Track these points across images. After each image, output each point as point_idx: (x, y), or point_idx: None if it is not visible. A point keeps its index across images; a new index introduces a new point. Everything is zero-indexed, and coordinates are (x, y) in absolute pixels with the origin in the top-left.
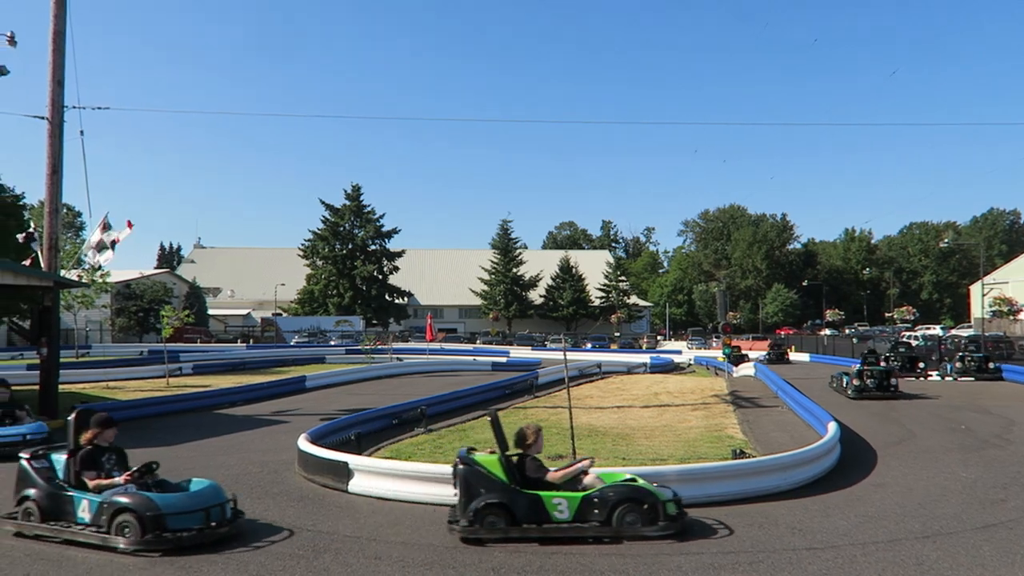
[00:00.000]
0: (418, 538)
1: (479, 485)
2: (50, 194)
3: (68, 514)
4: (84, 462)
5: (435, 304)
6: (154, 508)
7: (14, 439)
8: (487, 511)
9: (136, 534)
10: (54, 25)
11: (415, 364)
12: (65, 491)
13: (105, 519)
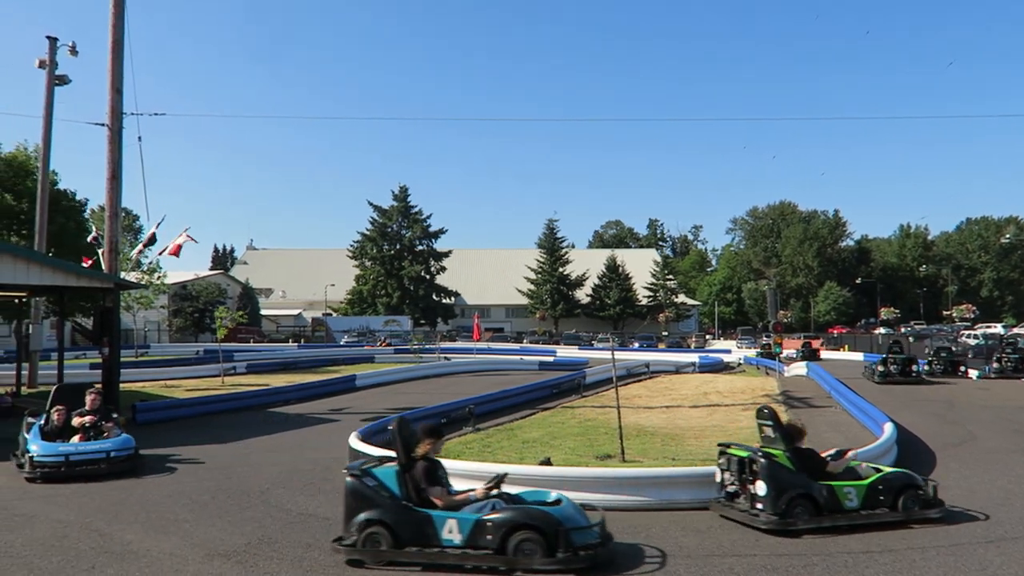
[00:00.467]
0: None
1: None
2: (110, 198)
3: (429, 536)
4: (429, 477)
5: (482, 304)
6: (557, 523)
7: (97, 456)
8: None
9: (541, 553)
10: (113, 34)
11: (462, 363)
12: (418, 511)
13: (492, 539)
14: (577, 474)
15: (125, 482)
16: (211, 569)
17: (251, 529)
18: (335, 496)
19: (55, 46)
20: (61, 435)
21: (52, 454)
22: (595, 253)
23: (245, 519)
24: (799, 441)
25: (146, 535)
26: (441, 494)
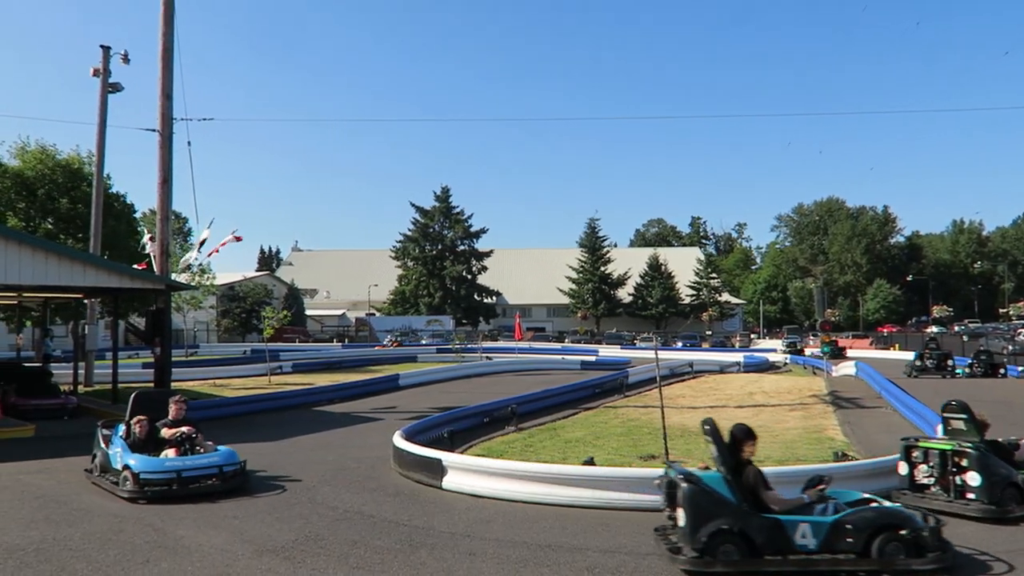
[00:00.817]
0: (513, 535)
1: None
2: (161, 202)
3: (782, 542)
4: (765, 480)
5: (523, 303)
6: (917, 524)
7: (209, 471)
8: None
9: (906, 554)
10: (163, 42)
11: (504, 363)
12: (767, 516)
13: (854, 541)
14: (621, 475)
15: None
16: (260, 565)
17: (299, 526)
18: (380, 494)
19: (108, 55)
20: (145, 449)
21: (160, 470)
22: (637, 252)
23: (293, 516)
24: (986, 433)
25: (198, 530)
26: (777, 498)
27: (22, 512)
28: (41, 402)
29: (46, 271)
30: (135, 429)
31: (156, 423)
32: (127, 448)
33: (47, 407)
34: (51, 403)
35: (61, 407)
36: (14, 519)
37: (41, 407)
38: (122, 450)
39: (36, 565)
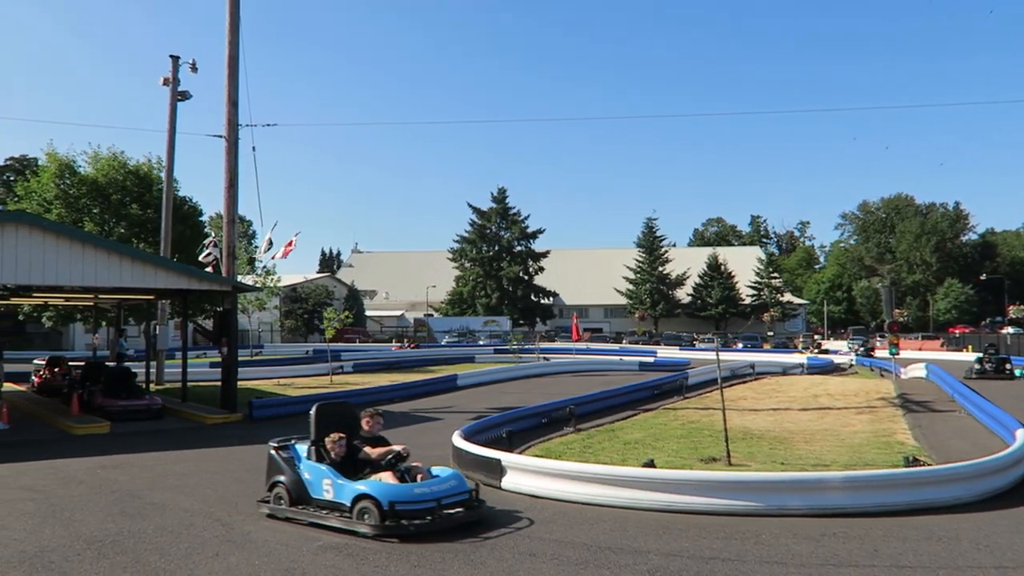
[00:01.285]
0: (572, 537)
1: None
2: (227, 206)
3: None
4: None
5: (580, 304)
6: None
7: (460, 498)
8: None
9: None
10: (229, 50)
11: (561, 364)
12: None
13: None
14: (682, 477)
15: (243, 475)
16: (324, 560)
17: None
18: None
19: (178, 64)
20: (344, 473)
21: (415, 499)
22: (696, 251)
23: None
24: None
25: (264, 525)
26: None
27: (99, 505)
28: (128, 403)
29: (120, 273)
30: (329, 448)
31: (352, 441)
32: (335, 472)
33: (133, 409)
34: (137, 404)
35: (147, 408)
36: (92, 512)
37: (128, 409)
38: (332, 476)
39: (113, 556)
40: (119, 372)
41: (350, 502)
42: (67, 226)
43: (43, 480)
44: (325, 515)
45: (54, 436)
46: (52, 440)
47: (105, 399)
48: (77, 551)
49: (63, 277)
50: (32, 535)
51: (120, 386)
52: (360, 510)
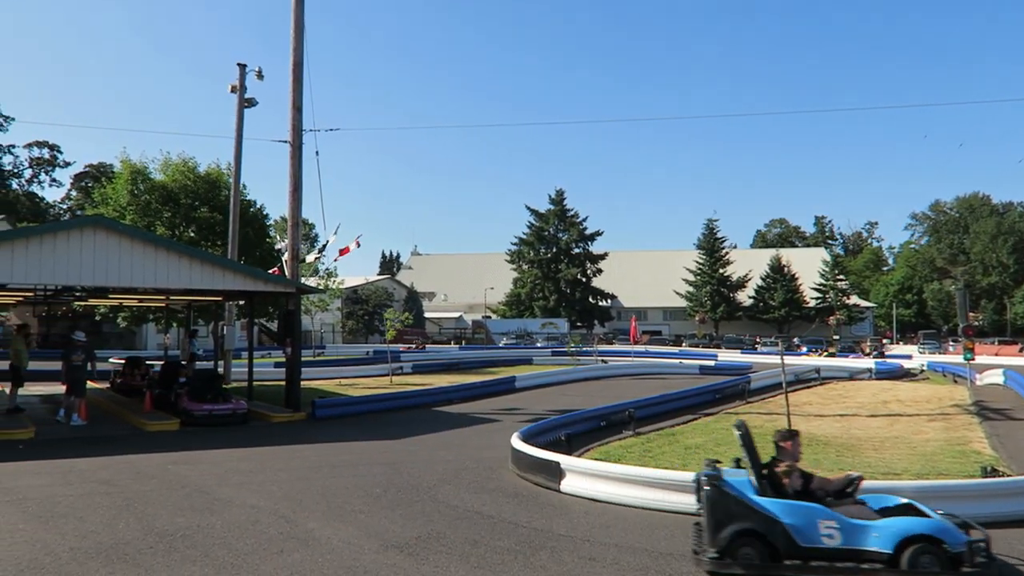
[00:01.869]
0: (632, 542)
1: None
2: (292, 209)
3: None
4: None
5: (639, 306)
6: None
7: None
8: None
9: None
10: (293, 57)
11: (620, 366)
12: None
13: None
14: None
15: (306, 472)
16: (385, 559)
17: (420, 523)
18: (499, 495)
19: (244, 72)
20: None
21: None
22: (758, 253)
23: (415, 513)
24: None
25: (327, 523)
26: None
27: (170, 500)
28: (214, 408)
29: (190, 276)
30: (782, 478)
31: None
32: (831, 511)
33: (219, 413)
34: (223, 409)
35: (232, 413)
36: (163, 506)
37: (214, 413)
38: (834, 516)
39: (183, 550)
40: (205, 374)
41: (891, 548)
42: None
43: (118, 474)
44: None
45: (128, 432)
46: (126, 436)
47: (190, 402)
48: (150, 544)
49: (136, 279)
50: (108, 527)
51: (205, 389)
52: (913, 556)
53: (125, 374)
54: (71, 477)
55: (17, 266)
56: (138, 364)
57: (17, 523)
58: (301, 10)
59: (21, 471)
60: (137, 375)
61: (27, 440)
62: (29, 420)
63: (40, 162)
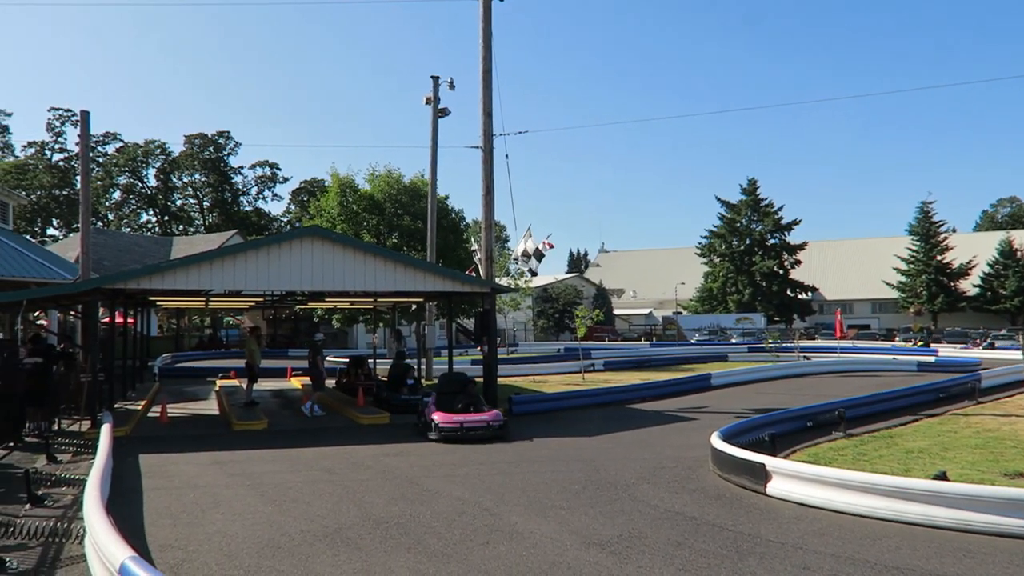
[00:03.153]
0: (851, 552)
1: None
2: (485, 213)
3: None
4: None
5: (843, 299)
6: None
7: None
8: None
9: None
10: (483, 65)
11: (824, 363)
12: None
13: None
14: (984, 493)
15: (506, 467)
16: (588, 556)
17: (621, 522)
18: (700, 496)
19: (437, 84)
20: None
21: None
22: (983, 236)
23: (615, 511)
24: None
25: (528, 518)
26: None
27: (384, 489)
28: (466, 419)
29: (394, 279)
30: None
31: None
32: None
33: (472, 426)
34: (476, 421)
35: (486, 426)
36: (379, 495)
37: (467, 426)
38: None
39: (398, 537)
40: (456, 379)
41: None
42: (351, 238)
43: (337, 464)
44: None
45: (345, 425)
46: (344, 428)
47: (441, 412)
48: (368, 529)
49: (348, 283)
50: (332, 512)
51: (455, 398)
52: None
53: (349, 373)
54: (298, 465)
55: (249, 274)
56: (360, 363)
57: (257, 506)
58: (489, 21)
59: (258, 459)
60: (360, 374)
61: (261, 431)
62: (263, 413)
63: (263, 180)
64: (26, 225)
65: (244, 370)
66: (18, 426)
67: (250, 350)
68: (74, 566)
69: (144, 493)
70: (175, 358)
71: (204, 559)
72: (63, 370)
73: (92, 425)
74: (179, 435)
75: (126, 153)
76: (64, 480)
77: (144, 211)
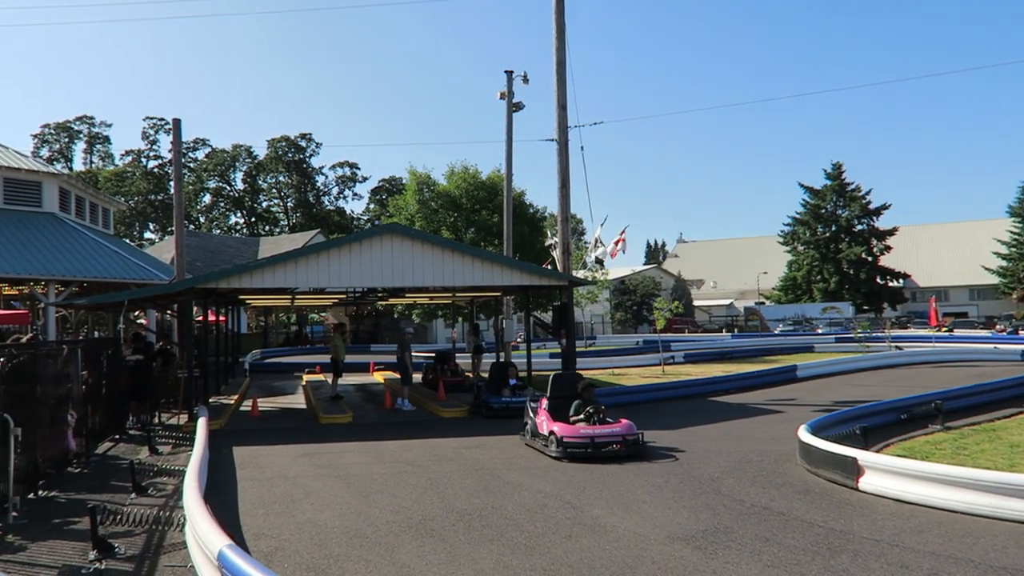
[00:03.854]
0: (952, 551)
1: None
2: (561, 206)
3: None
4: None
5: (937, 285)
6: None
7: None
8: None
9: None
10: (556, 56)
11: (918, 353)
12: None
13: None
14: None
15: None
16: (672, 551)
17: (706, 516)
18: (788, 491)
19: (511, 79)
20: None
21: None
22: None
23: (699, 506)
24: None
25: (611, 511)
26: None
27: (466, 481)
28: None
29: (472, 274)
30: None
31: None
32: None
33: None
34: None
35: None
36: (461, 487)
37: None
38: None
39: (481, 529)
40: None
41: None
42: (429, 234)
43: (420, 456)
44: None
45: (426, 418)
46: (425, 421)
47: (559, 423)
48: (452, 521)
49: (427, 279)
50: (416, 504)
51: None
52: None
53: (435, 369)
54: (383, 457)
55: (332, 272)
56: (447, 358)
57: (345, 496)
58: (562, 12)
59: (344, 451)
60: (447, 370)
61: (346, 424)
62: (348, 406)
63: (344, 180)
64: (125, 229)
65: (329, 365)
66: (122, 420)
67: (335, 345)
68: (175, 552)
69: (238, 484)
70: (264, 354)
71: (296, 548)
72: (162, 367)
73: (189, 419)
74: (269, 428)
75: (215, 158)
76: (165, 471)
77: (232, 213)
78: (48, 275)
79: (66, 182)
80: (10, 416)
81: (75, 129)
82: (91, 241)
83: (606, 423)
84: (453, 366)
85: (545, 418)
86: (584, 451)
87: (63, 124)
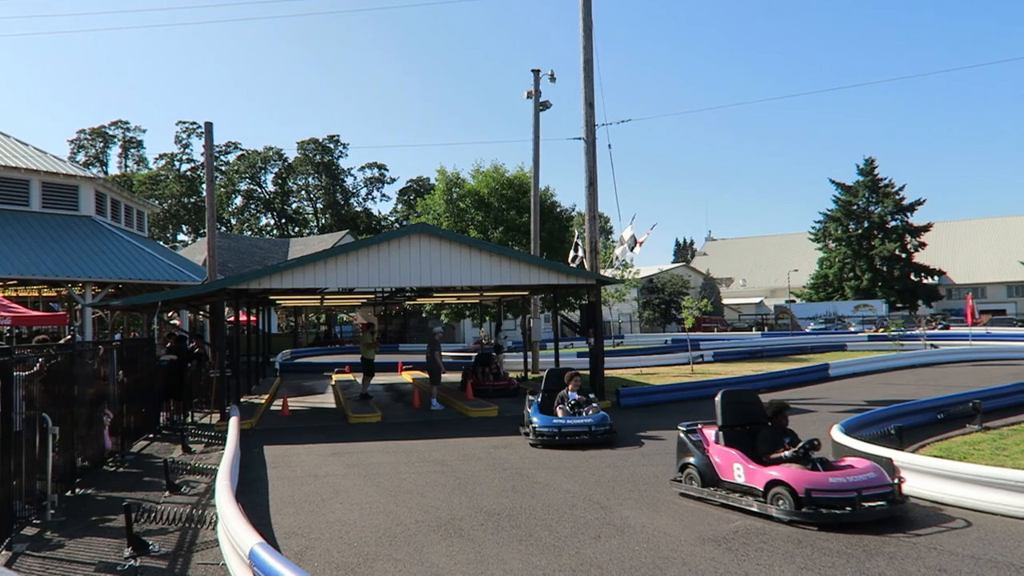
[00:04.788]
0: (993, 554)
1: None
2: (589, 204)
3: None
4: None
5: (974, 282)
6: None
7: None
8: None
9: None
10: (583, 55)
11: (954, 351)
12: None
13: None
14: None
15: (616, 460)
16: (703, 552)
17: (737, 517)
18: None
19: (539, 77)
20: None
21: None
22: None
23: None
24: None
25: (640, 511)
26: None
27: (494, 481)
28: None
29: (500, 273)
30: None
31: None
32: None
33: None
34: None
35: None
36: (490, 487)
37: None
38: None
39: (510, 529)
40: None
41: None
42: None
43: (449, 455)
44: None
45: (456, 417)
46: (454, 421)
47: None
48: (480, 521)
49: (455, 279)
50: (445, 504)
51: None
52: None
53: (476, 372)
54: (412, 456)
55: (360, 272)
56: (487, 360)
57: (374, 496)
58: (589, 11)
59: (374, 450)
60: (488, 373)
61: (375, 424)
62: (377, 406)
63: (372, 181)
64: (159, 231)
65: (360, 364)
66: (156, 419)
67: (365, 345)
68: (208, 550)
69: (269, 482)
70: (294, 354)
71: (326, 546)
72: (195, 366)
73: (221, 418)
74: (300, 427)
75: (246, 160)
76: (198, 469)
77: (263, 215)
78: (85, 277)
79: (102, 186)
80: (48, 415)
81: (110, 134)
82: (126, 243)
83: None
84: (495, 368)
85: None
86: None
87: (98, 129)
